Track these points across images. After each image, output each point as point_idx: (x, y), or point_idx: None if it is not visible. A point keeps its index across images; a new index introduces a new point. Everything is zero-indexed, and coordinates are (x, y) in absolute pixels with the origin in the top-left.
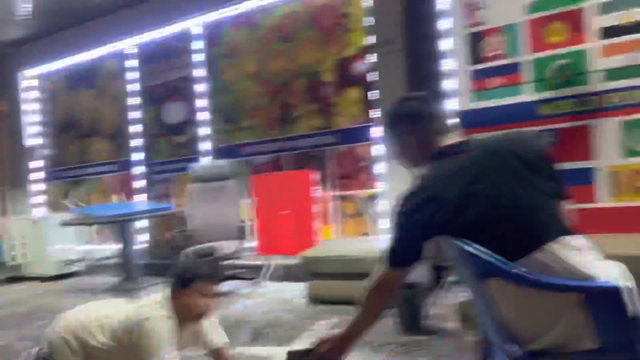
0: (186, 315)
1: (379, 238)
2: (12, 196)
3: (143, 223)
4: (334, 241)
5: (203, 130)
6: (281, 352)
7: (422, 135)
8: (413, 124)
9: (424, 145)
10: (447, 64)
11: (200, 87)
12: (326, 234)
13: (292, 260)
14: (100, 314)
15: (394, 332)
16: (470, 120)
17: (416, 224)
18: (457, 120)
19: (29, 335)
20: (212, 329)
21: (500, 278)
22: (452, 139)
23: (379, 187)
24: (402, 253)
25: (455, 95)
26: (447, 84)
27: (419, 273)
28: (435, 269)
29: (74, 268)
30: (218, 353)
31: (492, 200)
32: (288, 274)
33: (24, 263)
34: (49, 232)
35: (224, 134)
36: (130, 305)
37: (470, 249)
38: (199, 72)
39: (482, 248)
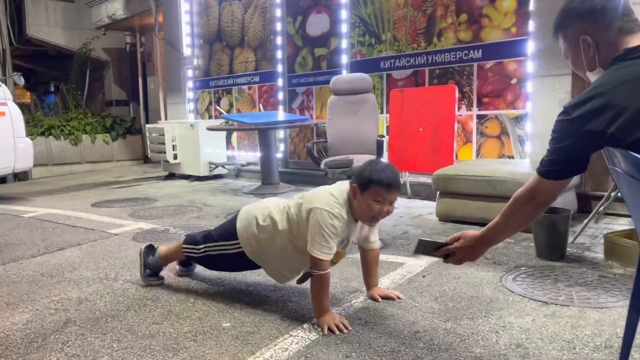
0: (360, 215)
1: (519, 161)
2: (168, 102)
3: (283, 133)
4: (470, 161)
5: (344, 43)
6: (409, 261)
7: (604, 34)
8: (594, 20)
9: (606, 47)
10: None
11: None
12: (465, 154)
13: (424, 178)
14: (282, 202)
15: (530, 254)
16: None
17: (587, 133)
18: None
19: (181, 224)
20: (375, 234)
21: None
22: None
23: (527, 107)
24: (565, 163)
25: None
26: None
27: (567, 199)
28: (582, 197)
29: (220, 171)
30: (372, 253)
31: None
32: (420, 191)
33: (181, 163)
34: (201, 136)
35: (365, 46)
36: (318, 190)
37: None
38: None
39: None
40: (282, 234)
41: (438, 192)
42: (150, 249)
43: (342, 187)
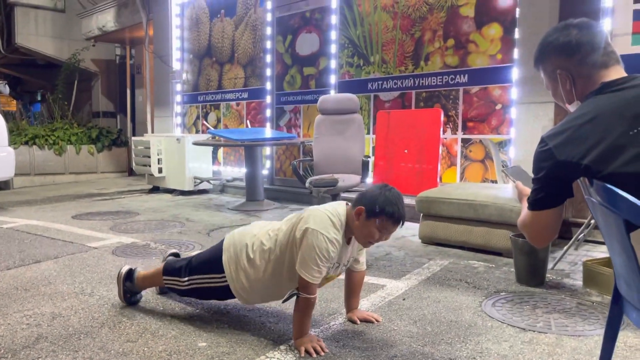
0: (358, 236)
1: (502, 186)
2: (156, 116)
3: (269, 150)
4: (454, 184)
5: (333, 63)
6: (390, 283)
7: (579, 69)
8: (569, 55)
9: (583, 81)
10: (606, 1)
11: (333, 19)
12: (449, 177)
13: (408, 200)
14: (269, 226)
15: (510, 280)
16: (629, 66)
17: (562, 163)
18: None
19: (162, 239)
20: (364, 254)
21: None
22: (616, 72)
23: (511, 133)
24: (546, 192)
25: (612, 37)
26: (604, 24)
27: None
28: (563, 224)
29: (205, 185)
30: (358, 274)
31: None
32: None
33: (166, 176)
34: (187, 151)
35: (353, 67)
36: (315, 208)
37: (622, 192)
38: (334, 3)
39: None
40: (273, 262)
41: (421, 214)
42: (129, 274)
43: (339, 210)
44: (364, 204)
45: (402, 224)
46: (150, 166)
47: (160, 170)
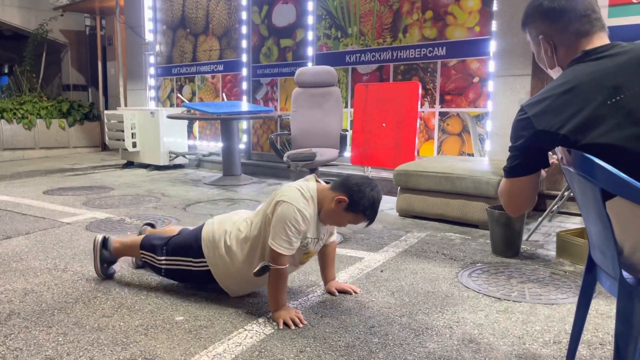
0: (327, 218)
1: (479, 159)
2: (129, 89)
3: (246, 124)
4: (431, 158)
5: (310, 35)
6: (368, 255)
7: (561, 36)
8: (553, 21)
9: (564, 49)
10: None
11: None
12: (426, 150)
13: (386, 174)
14: (249, 214)
15: (486, 251)
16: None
17: (541, 132)
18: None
19: (137, 214)
20: (334, 228)
21: (623, 199)
22: (600, 40)
23: (488, 106)
24: (521, 160)
25: None
26: None
27: None
28: (538, 196)
29: (181, 160)
30: (329, 246)
31: (635, 116)
32: (381, 186)
33: (140, 151)
34: (161, 125)
35: (331, 39)
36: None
37: (599, 161)
38: None
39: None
40: (250, 246)
41: (399, 188)
42: (104, 242)
43: (309, 185)
44: (348, 196)
45: (372, 222)
46: (124, 141)
47: (134, 145)
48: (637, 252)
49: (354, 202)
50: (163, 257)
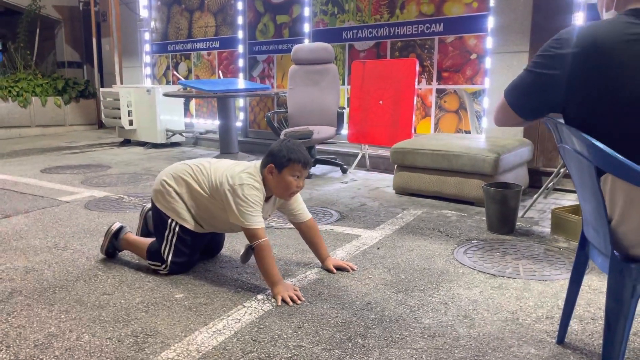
0: (278, 191)
1: (476, 137)
2: (124, 66)
3: (242, 102)
4: (428, 135)
5: (307, 11)
6: (365, 233)
7: None
8: None
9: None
10: None
11: None
12: (423, 127)
13: (383, 151)
14: (203, 164)
15: (481, 228)
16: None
17: (548, 80)
18: None
19: (135, 192)
20: (299, 204)
21: (616, 177)
22: None
23: (485, 83)
24: (521, 99)
25: None
26: None
27: (518, 174)
28: (533, 173)
29: (178, 138)
30: (306, 224)
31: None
32: (378, 164)
33: (137, 129)
34: (158, 103)
35: (328, 15)
36: (231, 167)
37: (592, 140)
38: None
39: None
40: (200, 193)
41: (396, 165)
42: (118, 233)
43: (256, 165)
44: (271, 161)
45: (310, 166)
46: (120, 118)
47: (130, 123)
48: (622, 225)
49: (278, 161)
50: (164, 265)
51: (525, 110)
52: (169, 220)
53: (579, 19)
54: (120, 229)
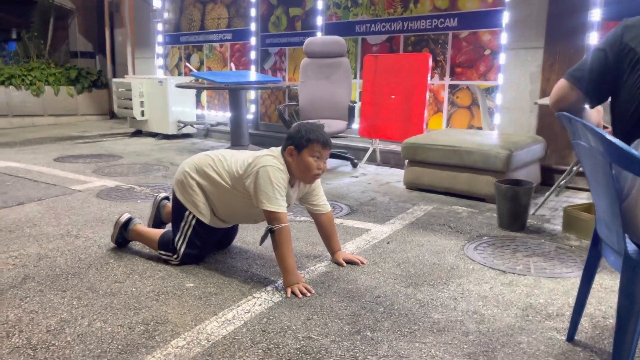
0: (300, 174)
1: (488, 133)
2: (137, 57)
3: (254, 94)
4: (440, 131)
5: (320, 4)
6: (375, 227)
7: None
8: None
9: None
10: None
11: None
12: (435, 123)
13: (394, 146)
14: (224, 154)
15: (492, 225)
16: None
17: (606, 60)
18: None
19: (147, 182)
20: (321, 196)
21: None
22: None
23: (498, 79)
24: (584, 76)
25: None
26: None
27: (530, 171)
28: (546, 170)
29: (189, 130)
30: (327, 216)
31: None
32: (389, 159)
33: (148, 120)
34: (170, 94)
35: (341, 9)
36: (252, 155)
37: (607, 136)
38: None
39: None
40: (221, 185)
41: (407, 161)
42: (127, 224)
43: (273, 150)
44: (290, 143)
45: (330, 146)
46: (132, 109)
47: (142, 114)
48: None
49: (297, 142)
50: (174, 249)
51: (583, 83)
52: (187, 212)
53: (595, 15)
54: (129, 220)
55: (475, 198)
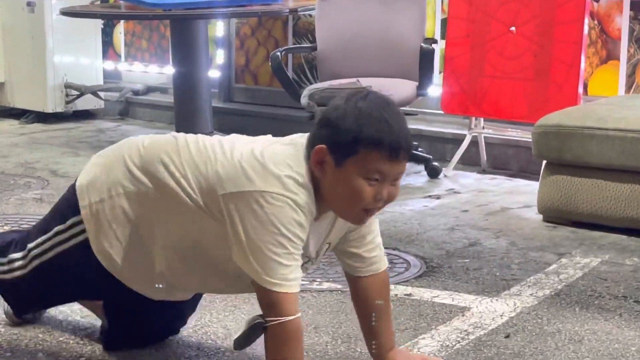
0: (338, 203)
1: None
2: None
3: (223, 28)
4: (615, 98)
5: None
6: (478, 303)
7: None
8: None
9: None
10: None
11: None
12: (602, 82)
13: (516, 132)
14: (204, 137)
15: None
16: None
17: None
18: None
19: (4, 214)
20: (375, 238)
21: None
22: None
23: None
24: None
25: None
26: None
27: None
28: None
29: (89, 103)
30: (379, 278)
31: None
32: (506, 159)
33: (7, 83)
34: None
35: None
36: (266, 141)
37: None
38: None
39: None
40: (183, 204)
41: (544, 162)
42: None
43: (299, 149)
44: (321, 138)
45: (407, 152)
46: None
47: None
48: None
49: (336, 138)
50: (19, 254)
51: None
52: (70, 224)
53: None
54: None
55: None
